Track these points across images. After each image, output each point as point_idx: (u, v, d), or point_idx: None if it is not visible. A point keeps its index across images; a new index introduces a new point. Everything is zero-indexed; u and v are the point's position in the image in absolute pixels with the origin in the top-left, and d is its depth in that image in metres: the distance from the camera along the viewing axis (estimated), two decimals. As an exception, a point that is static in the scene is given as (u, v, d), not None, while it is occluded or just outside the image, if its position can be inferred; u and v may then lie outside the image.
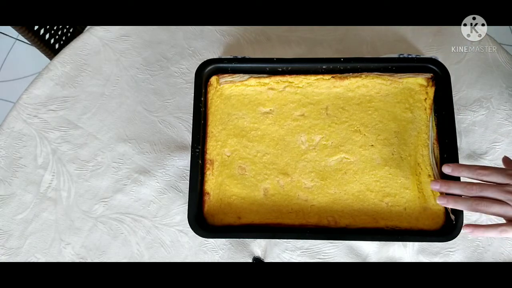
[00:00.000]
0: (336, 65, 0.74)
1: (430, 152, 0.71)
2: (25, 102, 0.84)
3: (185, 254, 0.77)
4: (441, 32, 0.87)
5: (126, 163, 0.80)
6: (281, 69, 0.75)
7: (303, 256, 0.76)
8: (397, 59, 0.76)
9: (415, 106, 0.73)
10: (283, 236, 0.72)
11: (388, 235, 0.68)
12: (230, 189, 0.71)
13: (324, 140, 0.73)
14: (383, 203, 0.70)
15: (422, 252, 0.75)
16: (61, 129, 0.83)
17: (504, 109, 0.82)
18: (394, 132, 0.73)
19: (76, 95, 0.85)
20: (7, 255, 0.77)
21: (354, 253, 0.76)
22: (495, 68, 0.85)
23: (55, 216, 0.78)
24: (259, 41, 0.87)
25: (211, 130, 0.74)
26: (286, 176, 0.71)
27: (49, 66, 0.87)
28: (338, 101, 0.75)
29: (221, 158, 0.73)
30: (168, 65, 0.86)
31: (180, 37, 0.88)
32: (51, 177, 0.80)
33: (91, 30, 0.89)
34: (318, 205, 0.70)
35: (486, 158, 0.79)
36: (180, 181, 0.79)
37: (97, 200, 0.79)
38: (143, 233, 0.77)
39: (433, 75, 0.74)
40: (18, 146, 0.82)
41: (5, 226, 0.78)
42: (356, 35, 0.87)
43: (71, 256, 0.77)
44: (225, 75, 0.75)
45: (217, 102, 0.75)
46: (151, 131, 0.82)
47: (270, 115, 0.74)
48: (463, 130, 0.81)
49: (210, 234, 0.68)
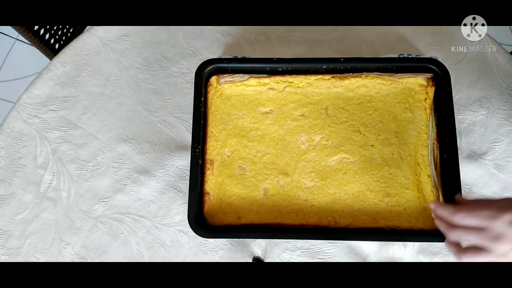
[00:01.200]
0: (336, 65, 0.74)
1: (430, 152, 0.71)
2: (25, 102, 0.84)
3: (185, 254, 0.77)
4: (441, 32, 0.87)
5: (126, 163, 0.80)
6: (281, 69, 0.75)
7: (303, 256, 0.76)
8: (397, 59, 0.76)
9: (415, 106, 0.73)
10: (283, 236, 0.72)
11: (388, 235, 0.68)
12: (230, 189, 0.71)
13: (324, 140, 0.73)
14: (383, 203, 0.70)
15: (422, 252, 0.75)
16: (61, 129, 0.83)
17: (504, 109, 0.82)
18: (394, 132, 0.73)
19: (76, 95, 0.85)
20: (7, 255, 0.77)
21: (354, 253, 0.76)
22: (495, 68, 0.85)
23: (55, 216, 0.78)
24: (259, 41, 0.87)
25: (211, 130, 0.74)
26: (286, 176, 0.71)
27: (49, 66, 0.87)
28: (338, 101, 0.75)
29: (221, 158, 0.73)
30: (168, 65, 0.86)
31: (180, 37, 0.88)
32: (51, 177, 0.80)
33: (91, 30, 0.89)
34: (318, 205, 0.70)
35: (486, 158, 0.79)
36: (180, 181, 0.79)
37: (97, 200, 0.79)
38: (143, 233, 0.77)
39: (433, 75, 0.74)
40: (18, 146, 0.82)
41: (5, 226, 0.78)
42: (356, 35, 0.87)
43: (71, 256, 0.77)
44: (225, 75, 0.75)
45: (217, 102, 0.75)
46: (151, 131, 0.82)
47: (270, 115, 0.74)
48: (463, 130, 0.81)
49: (210, 234, 0.68)
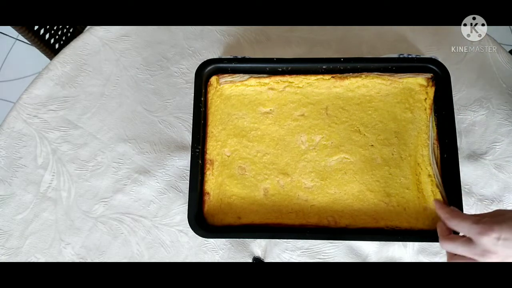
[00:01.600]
0: (336, 65, 0.74)
1: (431, 152, 0.71)
2: (25, 102, 0.84)
3: (185, 254, 0.77)
4: (441, 32, 0.87)
5: (126, 163, 0.80)
6: (281, 69, 0.75)
7: (303, 256, 0.76)
8: (397, 59, 0.76)
9: (415, 106, 0.73)
10: (283, 236, 0.72)
11: (388, 235, 0.68)
12: (230, 189, 0.71)
13: (324, 140, 0.73)
14: (383, 203, 0.70)
15: (422, 252, 0.75)
16: (61, 129, 0.83)
17: (504, 109, 0.82)
18: (394, 132, 0.73)
19: (76, 95, 0.85)
20: (7, 255, 0.77)
21: (354, 253, 0.76)
22: (495, 68, 0.85)
23: (55, 216, 0.78)
24: (259, 41, 0.87)
25: (211, 130, 0.74)
26: (286, 176, 0.71)
27: (49, 66, 0.87)
28: (338, 101, 0.75)
29: (221, 158, 0.73)
30: (168, 65, 0.86)
31: (180, 37, 0.88)
32: (51, 177, 0.80)
33: (91, 30, 0.89)
34: (318, 205, 0.70)
35: (486, 158, 0.79)
36: (180, 181, 0.79)
37: (97, 200, 0.79)
38: (143, 233, 0.77)
39: (433, 75, 0.74)
40: (18, 146, 0.82)
41: (5, 226, 0.78)
42: (356, 35, 0.87)
43: (71, 256, 0.77)
44: (225, 75, 0.75)
45: (217, 102, 0.75)
46: (151, 131, 0.82)
47: (270, 115, 0.74)
48: (463, 130, 0.81)
49: (210, 234, 0.68)
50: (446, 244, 0.57)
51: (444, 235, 0.59)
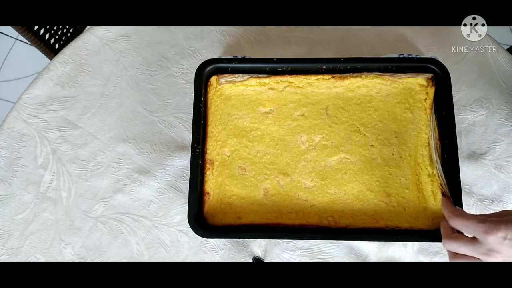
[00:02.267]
0: (336, 65, 0.74)
1: (434, 151, 0.70)
2: (25, 102, 0.84)
3: (185, 254, 0.77)
4: (441, 32, 0.87)
5: (126, 163, 0.80)
6: (281, 69, 0.75)
7: (303, 256, 0.76)
8: (397, 59, 0.76)
9: (415, 106, 0.73)
10: (283, 236, 0.72)
11: (388, 235, 0.68)
12: (230, 189, 0.71)
13: (324, 140, 0.73)
14: (383, 203, 0.70)
15: (422, 252, 0.75)
16: (61, 129, 0.83)
17: (504, 109, 0.82)
18: (394, 132, 0.73)
19: (76, 95, 0.85)
20: (7, 255, 0.77)
21: (354, 253, 0.76)
22: (495, 68, 0.85)
23: (55, 216, 0.78)
24: (259, 41, 0.87)
25: (211, 130, 0.74)
26: (286, 176, 0.71)
27: (49, 66, 0.87)
28: (338, 101, 0.75)
29: (221, 158, 0.73)
30: (168, 65, 0.86)
31: (180, 37, 0.88)
32: (51, 177, 0.80)
33: (91, 30, 0.89)
34: (318, 205, 0.70)
35: (486, 158, 0.79)
36: (180, 181, 0.79)
37: (97, 200, 0.79)
38: (143, 233, 0.77)
39: (433, 75, 0.74)
40: (18, 146, 0.82)
41: (5, 226, 0.78)
42: (356, 35, 0.87)
43: (71, 256, 0.77)
44: (225, 75, 0.75)
45: (217, 102, 0.75)
46: (151, 131, 0.82)
47: (270, 115, 0.74)
48: (463, 130, 0.81)
49: (210, 234, 0.68)
50: (450, 243, 0.57)
51: (447, 234, 0.59)
